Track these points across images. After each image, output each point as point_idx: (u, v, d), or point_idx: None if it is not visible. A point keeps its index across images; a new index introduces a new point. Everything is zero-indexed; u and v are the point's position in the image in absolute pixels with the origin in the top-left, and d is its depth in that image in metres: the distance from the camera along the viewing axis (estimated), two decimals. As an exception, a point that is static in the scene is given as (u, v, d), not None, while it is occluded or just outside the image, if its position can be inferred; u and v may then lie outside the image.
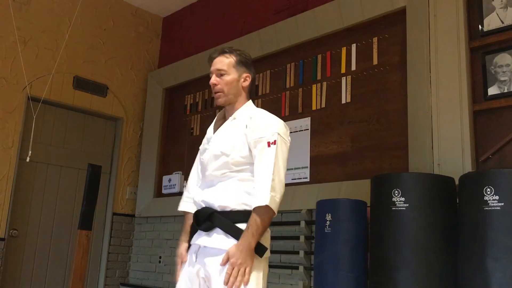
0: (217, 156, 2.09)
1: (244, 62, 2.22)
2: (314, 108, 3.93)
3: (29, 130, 4.42)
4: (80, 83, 5.02)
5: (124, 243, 5.22)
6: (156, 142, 5.25)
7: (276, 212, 1.94)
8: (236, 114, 2.17)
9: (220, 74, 2.20)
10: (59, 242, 4.81)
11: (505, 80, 2.90)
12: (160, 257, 4.93)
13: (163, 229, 4.97)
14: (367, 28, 3.70)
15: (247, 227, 1.92)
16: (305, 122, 3.95)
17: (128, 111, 5.40)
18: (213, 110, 4.84)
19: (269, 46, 4.31)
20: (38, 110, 4.39)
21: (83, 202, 3.43)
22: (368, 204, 2.89)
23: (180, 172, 4.97)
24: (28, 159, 4.03)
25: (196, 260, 2.06)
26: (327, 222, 2.90)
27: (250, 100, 2.24)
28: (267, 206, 1.90)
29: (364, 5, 3.65)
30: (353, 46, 3.77)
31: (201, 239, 2.06)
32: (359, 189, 3.27)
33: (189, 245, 2.17)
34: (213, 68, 2.24)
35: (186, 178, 4.90)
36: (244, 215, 1.98)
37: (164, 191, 5.04)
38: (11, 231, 4.48)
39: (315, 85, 3.97)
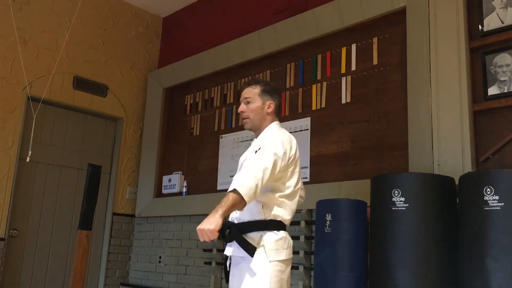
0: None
1: (268, 91, 2.48)
2: (314, 108, 3.94)
3: (29, 130, 4.42)
4: (80, 83, 5.02)
5: (124, 243, 5.22)
6: (156, 142, 5.25)
7: (244, 197, 2.12)
8: (260, 136, 2.45)
9: (247, 102, 2.46)
10: (59, 242, 4.81)
11: (505, 80, 2.90)
12: (160, 257, 4.93)
13: (163, 229, 4.97)
14: (367, 28, 3.70)
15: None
16: (305, 122, 3.95)
17: (128, 111, 5.40)
18: (213, 110, 4.84)
19: (269, 46, 4.31)
20: (38, 110, 4.38)
21: (83, 202, 3.43)
22: (368, 204, 2.89)
23: (180, 172, 4.97)
24: (28, 159, 4.03)
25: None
26: (327, 222, 2.90)
27: (275, 122, 2.48)
28: (234, 190, 2.15)
29: (364, 5, 3.65)
30: (353, 46, 3.77)
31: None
32: (359, 189, 3.27)
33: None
34: (241, 97, 2.51)
35: (186, 178, 4.91)
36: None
37: (164, 191, 5.04)
38: (11, 231, 4.48)
39: (315, 85, 3.97)
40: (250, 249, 2.21)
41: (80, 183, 4.85)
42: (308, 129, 3.91)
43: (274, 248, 2.23)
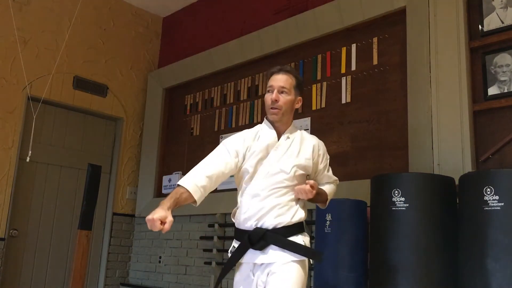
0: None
1: (300, 86, 2.35)
2: (314, 108, 3.94)
3: (29, 130, 4.41)
4: (80, 83, 5.02)
5: (124, 243, 5.22)
6: (156, 142, 5.25)
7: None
8: (289, 133, 2.32)
9: (282, 91, 2.26)
10: (59, 242, 4.81)
11: (505, 80, 2.90)
12: (160, 257, 4.93)
13: (163, 229, 4.96)
14: (367, 28, 3.70)
15: None
16: (305, 122, 3.95)
17: (128, 111, 5.40)
18: (213, 110, 4.84)
19: (269, 46, 4.31)
20: (38, 110, 4.38)
21: (83, 202, 3.43)
22: (368, 204, 2.89)
23: (180, 172, 4.96)
24: (28, 159, 4.03)
25: None
26: (327, 222, 2.90)
27: (292, 119, 2.39)
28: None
29: (364, 5, 3.65)
30: (353, 46, 3.77)
31: None
32: (359, 189, 3.27)
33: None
34: (275, 84, 2.27)
35: (186, 178, 4.90)
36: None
37: (164, 191, 5.04)
38: (11, 231, 4.48)
39: (315, 85, 3.97)
40: (308, 251, 2.19)
41: (80, 183, 4.85)
42: (308, 129, 3.91)
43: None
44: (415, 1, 3.36)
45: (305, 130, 3.89)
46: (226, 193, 4.19)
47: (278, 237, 2.14)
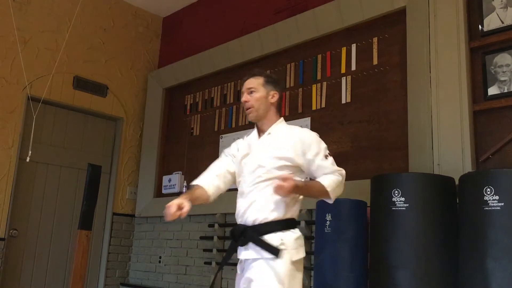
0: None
1: (272, 81, 2.44)
2: (314, 108, 3.94)
3: (29, 130, 4.42)
4: (80, 83, 5.02)
5: (124, 243, 5.22)
6: (156, 142, 5.25)
7: (331, 199, 2.34)
8: (271, 129, 2.37)
9: (250, 91, 2.39)
10: (59, 242, 4.81)
11: (505, 80, 2.90)
12: (160, 257, 4.93)
13: (163, 229, 4.97)
14: (367, 28, 3.70)
15: None
16: (305, 122, 3.94)
17: (128, 111, 5.40)
18: (213, 110, 4.84)
19: (269, 46, 4.31)
20: (38, 110, 4.38)
21: (83, 202, 3.43)
22: (368, 204, 2.89)
23: (180, 172, 4.97)
24: (28, 159, 4.03)
25: None
26: (327, 222, 2.90)
27: (282, 118, 2.44)
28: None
29: (364, 5, 3.65)
30: (353, 46, 3.77)
31: None
32: (359, 189, 3.26)
33: None
34: (244, 88, 2.44)
35: (186, 178, 4.90)
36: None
37: (164, 191, 5.03)
38: (11, 231, 4.48)
39: (315, 85, 3.97)
40: (274, 250, 2.15)
41: (80, 183, 4.85)
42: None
43: (295, 247, 2.21)
44: (415, 1, 3.36)
45: (305, 130, 3.94)
46: (226, 193, 4.18)
47: (253, 234, 2.21)
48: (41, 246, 4.70)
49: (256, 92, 2.37)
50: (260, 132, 2.40)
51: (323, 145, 2.33)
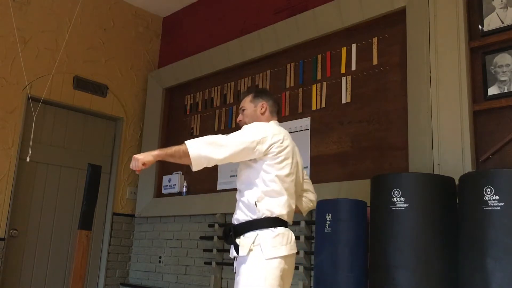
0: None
1: (259, 94, 2.69)
2: (314, 108, 3.93)
3: (29, 130, 4.42)
4: (80, 83, 5.02)
5: (124, 243, 5.22)
6: (156, 142, 5.25)
7: (191, 155, 2.29)
8: None
9: (242, 110, 2.69)
10: (59, 242, 4.81)
11: (505, 80, 2.90)
12: (160, 257, 4.93)
13: (163, 229, 4.97)
14: (367, 28, 3.70)
15: None
16: (305, 122, 3.95)
17: (128, 111, 5.40)
18: (213, 110, 4.84)
19: (269, 46, 4.31)
20: (38, 110, 4.39)
21: (83, 202, 3.43)
22: (368, 204, 2.89)
23: (180, 172, 4.97)
24: (28, 159, 4.03)
25: None
26: (327, 222, 2.90)
27: (272, 121, 2.62)
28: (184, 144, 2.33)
29: (364, 5, 3.65)
30: (353, 46, 3.77)
31: None
32: (359, 189, 3.27)
33: None
34: (239, 109, 2.71)
35: (186, 178, 4.91)
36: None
37: (164, 191, 5.04)
38: (11, 231, 4.48)
39: (315, 85, 3.97)
40: (237, 249, 2.32)
41: (80, 183, 4.85)
42: (308, 129, 3.91)
43: (271, 245, 2.27)
44: (415, 1, 3.36)
45: (305, 130, 3.94)
46: (226, 193, 4.19)
47: (230, 233, 2.39)
48: (41, 246, 4.70)
49: (246, 109, 2.66)
50: None
51: (248, 128, 2.45)
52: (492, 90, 2.94)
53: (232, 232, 2.37)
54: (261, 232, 2.30)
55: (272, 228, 2.30)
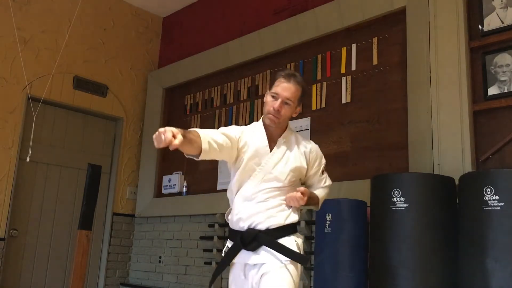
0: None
1: (304, 96, 2.37)
2: (314, 108, 3.94)
3: (29, 130, 4.42)
4: (80, 83, 5.02)
5: (124, 243, 5.22)
6: (156, 142, 5.24)
7: None
8: (285, 137, 2.34)
9: (286, 102, 2.26)
10: (59, 242, 4.81)
11: (505, 80, 2.90)
12: (160, 257, 4.93)
13: (163, 229, 4.97)
14: (367, 28, 3.70)
15: None
16: (305, 122, 3.95)
17: (128, 111, 5.40)
18: (213, 110, 4.84)
19: (269, 46, 4.31)
20: (38, 110, 4.39)
21: (83, 202, 3.43)
22: (368, 204, 2.89)
23: (180, 172, 4.97)
24: (28, 159, 4.03)
25: None
26: (327, 222, 2.90)
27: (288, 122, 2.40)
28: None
29: (364, 5, 3.65)
30: (353, 46, 3.77)
31: None
32: (359, 189, 3.27)
33: None
34: (282, 93, 2.25)
35: (186, 178, 4.91)
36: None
37: (164, 191, 5.04)
38: (11, 231, 4.48)
39: (315, 85, 3.97)
40: (295, 255, 2.17)
41: (80, 183, 4.85)
42: (308, 129, 3.91)
43: (303, 251, 2.28)
44: (415, 1, 3.36)
45: (305, 130, 3.94)
46: (226, 193, 4.18)
47: (271, 238, 2.18)
48: (41, 246, 4.70)
49: (289, 106, 2.26)
50: (269, 135, 2.31)
51: (324, 159, 2.46)
52: (492, 90, 2.94)
53: (267, 236, 2.16)
54: (296, 237, 2.28)
55: (298, 233, 2.32)
